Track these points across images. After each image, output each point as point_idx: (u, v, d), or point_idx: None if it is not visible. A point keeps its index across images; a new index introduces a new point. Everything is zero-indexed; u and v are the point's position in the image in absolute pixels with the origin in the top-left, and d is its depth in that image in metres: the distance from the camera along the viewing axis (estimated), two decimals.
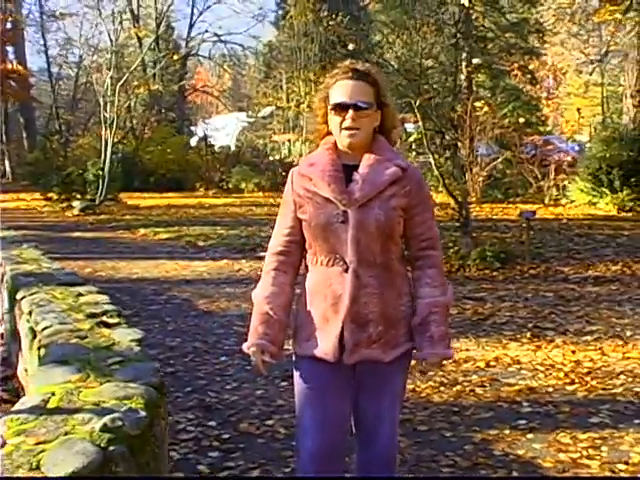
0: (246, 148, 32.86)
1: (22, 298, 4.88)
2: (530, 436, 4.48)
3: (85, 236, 15.78)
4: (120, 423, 2.32)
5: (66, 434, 2.25)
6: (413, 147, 19.35)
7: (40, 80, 41.86)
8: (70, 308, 4.27)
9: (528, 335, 6.86)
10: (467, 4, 14.48)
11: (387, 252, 2.77)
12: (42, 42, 40.33)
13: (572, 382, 5.49)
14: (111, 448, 2.22)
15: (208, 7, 38.90)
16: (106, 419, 2.31)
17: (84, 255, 12.56)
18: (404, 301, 2.83)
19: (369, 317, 2.73)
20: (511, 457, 4.20)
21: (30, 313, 4.40)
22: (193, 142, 34.44)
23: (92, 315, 4.01)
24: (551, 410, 4.92)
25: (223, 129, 35.32)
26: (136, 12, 34.91)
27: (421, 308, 2.79)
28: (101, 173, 21.77)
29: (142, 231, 16.16)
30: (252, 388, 5.47)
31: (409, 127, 19.23)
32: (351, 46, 13.11)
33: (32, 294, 4.87)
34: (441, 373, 5.74)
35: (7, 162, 38.28)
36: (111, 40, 25.55)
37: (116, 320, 3.90)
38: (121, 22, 27.05)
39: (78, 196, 21.93)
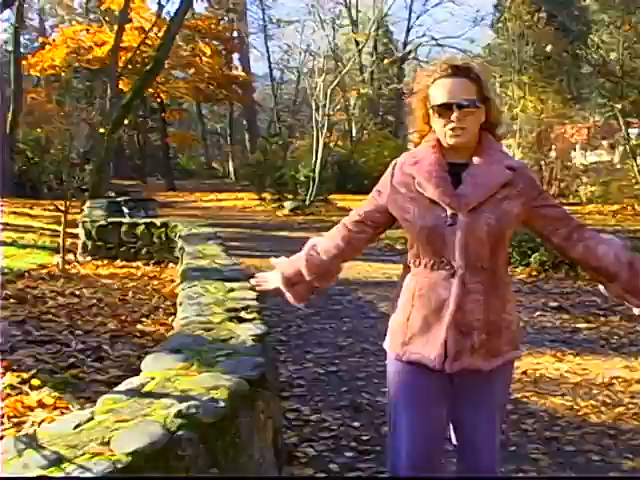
0: None
1: (182, 290, 5.23)
2: None
3: (290, 235, 16.36)
4: (194, 411, 2.45)
5: (145, 416, 2.41)
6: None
7: (263, 85, 44.00)
8: (215, 302, 4.50)
9: None
10: None
11: (495, 258, 2.68)
12: (265, 49, 42.35)
13: None
14: (179, 433, 2.35)
15: (426, 11, 39.04)
16: (182, 406, 2.45)
17: (284, 254, 13.03)
18: (507, 308, 2.73)
19: (474, 325, 2.65)
20: None
21: (181, 304, 4.71)
22: (410, 145, 34.64)
23: (231, 310, 4.21)
24: None
25: None
26: (355, 17, 35.68)
27: (615, 253, 2.68)
28: (312, 175, 22.50)
29: None
30: None
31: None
32: (549, 48, 12.61)
33: (191, 287, 5.19)
34: (606, 392, 5.44)
35: (231, 162, 40.68)
36: (329, 43, 26.37)
37: (252, 316, 4.06)
38: (335, 27, 27.76)
39: (289, 196, 22.78)
